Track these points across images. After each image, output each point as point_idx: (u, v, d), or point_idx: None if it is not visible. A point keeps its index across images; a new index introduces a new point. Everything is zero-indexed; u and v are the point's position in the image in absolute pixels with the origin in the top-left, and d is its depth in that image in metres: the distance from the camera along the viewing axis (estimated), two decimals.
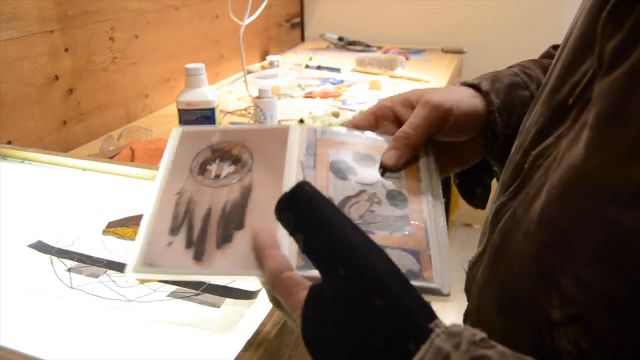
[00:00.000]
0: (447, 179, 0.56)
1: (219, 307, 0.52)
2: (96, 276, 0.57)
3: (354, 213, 0.45)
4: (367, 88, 1.62)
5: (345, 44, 2.17)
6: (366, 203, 0.46)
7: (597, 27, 0.34)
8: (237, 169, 0.48)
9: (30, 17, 1.05)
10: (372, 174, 0.48)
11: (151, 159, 0.97)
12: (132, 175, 0.80)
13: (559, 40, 0.51)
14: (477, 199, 0.58)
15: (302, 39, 2.42)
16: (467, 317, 0.48)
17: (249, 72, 1.68)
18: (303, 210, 0.37)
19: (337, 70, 1.81)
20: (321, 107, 1.38)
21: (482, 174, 0.57)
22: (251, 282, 0.43)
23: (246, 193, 0.46)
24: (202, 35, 1.65)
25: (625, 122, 0.30)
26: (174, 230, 0.44)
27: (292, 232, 0.37)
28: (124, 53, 1.32)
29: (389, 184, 0.48)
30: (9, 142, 1.03)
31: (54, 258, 0.61)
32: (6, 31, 1.00)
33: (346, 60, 1.94)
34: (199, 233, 0.44)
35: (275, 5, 2.08)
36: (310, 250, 0.36)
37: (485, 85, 0.52)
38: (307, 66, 1.87)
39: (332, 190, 0.46)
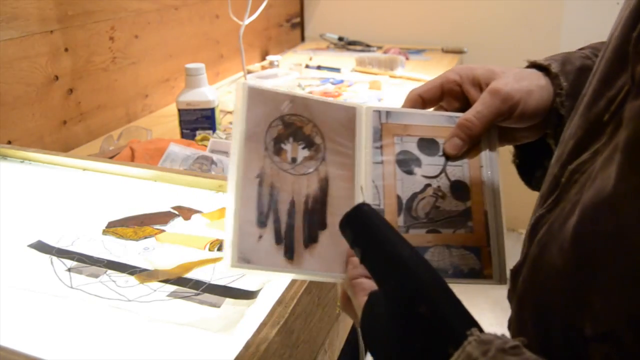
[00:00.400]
0: None
1: (219, 307, 0.52)
2: (96, 276, 0.57)
3: (420, 211, 0.48)
4: (367, 88, 1.62)
5: (345, 44, 2.17)
6: (431, 198, 0.48)
7: (630, 45, 0.34)
8: (312, 154, 0.48)
9: (30, 17, 1.05)
10: (436, 162, 0.49)
11: (151, 158, 0.97)
12: (132, 175, 0.80)
13: (559, 40, 0.50)
14: (535, 182, 0.57)
15: (302, 38, 2.42)
16: (510, 323, 0.48)
17: (249, 72, 1.68)
18: (360, 228, 0.41)
19: (337, 70, 1.81)
20: None
21: (543, 156, 0.56)
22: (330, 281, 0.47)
23: (324, 187, 0.47)
24: (202, 35, 1.65)
25: None
26: (261, 223, 0.44)
27: (352, 246, 0.42)
28: (124, 53, 1.32)
29: (452, 174, 0.49)
30: (9, 142, 1.03)
31: (54, 258, 0.61)
32: (6, 31, 1.00)
33: (346, 60, 1.94)
34: (286, 229, 0.45)
35: (275, 5, 2.08)
36: (366, 262, 0.41)
37: (555, 67, 0.51)
38: (307, 66, 1.87)
39: (400, 188, 0.48)
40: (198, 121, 1.12)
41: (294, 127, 0.47)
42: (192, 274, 0.57)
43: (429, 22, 2.22)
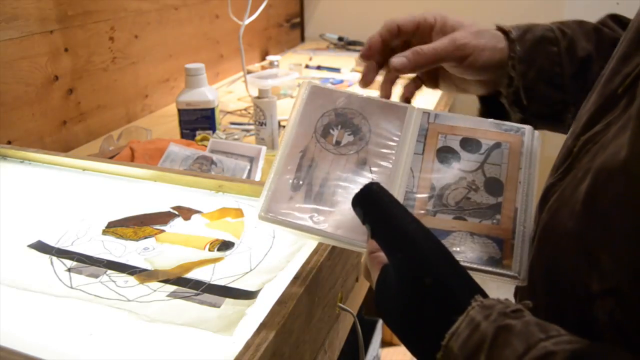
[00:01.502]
0: None
1: (218, 307, 0.52)
2: (96, 276, 0.57)
3: (450, 199, 0.51)
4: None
5: (345, 44, 2.17)
6: (464, 190, 0.51)
7: None
8: (356, 140, 0.54)
9: (30, 17, 1.05)
10: (476, 159, 0.53)
11: (151, 159, 0.97)
12: (132, 175, 0.80)
13: None
14: None
15: (302, 39, 2.42)
16: (516, 291, 0.50)
17: (249, 72, 1.68)
18: (369, 206, 0.45)
19: (337, 70, 1.81)
20: None
21: (503, 117, 0.59)
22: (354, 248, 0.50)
23: (361, 166, 0.53)
24: (201, 35, 1.65)
25: None
26: (295, 187, 0.51)
27: (363, 223, 0.46)
28: (123, 53, 1.32)
29: (489, 171, 0.52)
30: (9, 142, 1.03)
31: (54, 258, 0.61)
32: (6, 31, 1.00)
33: (346, 60, 1.94)
34: (316, 195, 0.51)
35: (275, 5, 2.08)
36: (375, 237, 0.44)
37: (514, 34, 0.57)
38: (307, 66, 1.87)
39: (435, 177, 0.52)
40: (198, 121, 1.12)
41: (344, 117, 0.55)
42: (192, 274, 0.57)
43: None
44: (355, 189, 0.47)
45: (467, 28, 0.56)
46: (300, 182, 0.51)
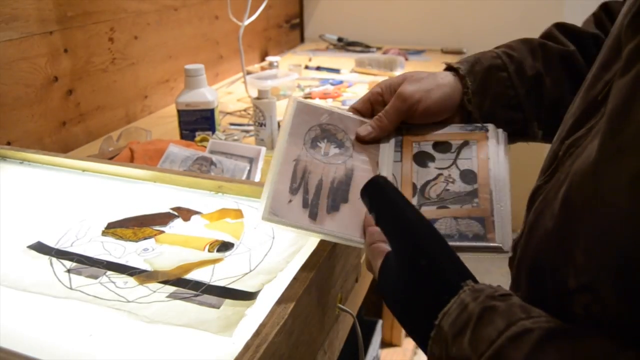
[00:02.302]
0: None
1: (218, 308, 0.52)
2: (95, 277, 0.57)
3: (432, 193, 0.57)
4: (367, 89, 1.62)
5: (345, 45, 2.17)
6: (442, 184, 0.57)
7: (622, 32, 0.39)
8: (342, 152, 0.60)
9: (29, 18, 1.05)
10: (449, 157, 0.59)
11: (150, 159, 0.97)
12: (132, 176, 0.80)
13: None
14: None
15: (302, 39, 2.42)
16: (510, 289, 0.52)
17: (249, 72, 1.68)
18: (375, 195, 0.50)
19: (337, 71, 1.81)
20: None
21: None
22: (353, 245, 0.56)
23: (349, 174, 0.59)
24: (201, 36, 1.65)
25: (629, 120, 0.33)
26: (293, 190, 0.56)
27: (370, 211, 0.51)
28: (123, 54, 1.32)
29: (462, 165, 0.58)
30: (9, 143, 1.03)
31: (54, 259, 0.61)
32: (5, 32, 1.00)
33: (345, 61, 1.94)
34: (313, 197, 0.56)
35: (275, 6, 2.08)
36: (380, 223, 0.49)
37: (463, 70, 0.60)
38: (306, 67, 1.87)
39: (415, 177, 0.58)
40: (197, 122, 1.12)
41: (328, 133, 0.61)
42: (192, 275, 0.57)
43: (428, 23, 2.22)
44: (347, 191, 0.55)
45: (411, 79, 0.60)
46: (298, 187, 0.56)
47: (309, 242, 0.62)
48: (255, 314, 0.51)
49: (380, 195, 0.49)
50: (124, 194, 0.76)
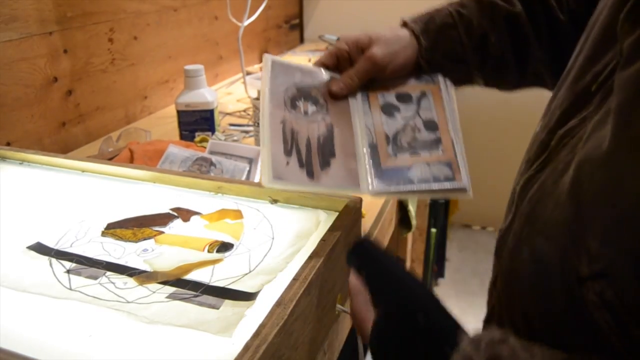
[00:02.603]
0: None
1: (218, 308, 0.52)
2: (95, 278, 0.57)
3: (404, 142, 0.63)
4: None
5: None
6: (411, 133, 0.63)
7: (618, 25, 0.39)
8: (318, 109, 0.63)
9: (29, 19, 1.05)
10: (411, 108, 0.65)
11: (150, 160, 0.97)
12: (131, 176, 0.80)
13: None
14: None
15: (301, 40, 2.42)
16: (495, 281, 0.54)
17: (248, 73, 1.68)
18: (363, 257, 0.51)
19: None
20: None
21: None
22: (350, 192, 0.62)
23: (330, 129, 0.63)
24: (201, 36, 1.65)
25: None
26: (287, 152, 0.58)
27: (357, 272, 0.51)
28: (123, 54, 1.32)
29: (424, 114, 0.65)
30: (8, 144, 1.03)
31: (53, 259, 0.61)
32: (5, 32, 1.00)
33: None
34: (306, 157, 0.59)
35: (274, 6, 2.09)
36: (370, 284, 0.49)
37: (417, 30, 0.66)
38: None
39: (386, 127, 0.64)
40: (197, 122, 1.12)
41: (304, 91, 0.63)
42: (191, 276, 0.57)
43: None
44: (333, 145, 0.61)
45: (377, 41, 0.64)
46: (290, 148, 0.59)
47: (309, 243, 0.62)
48: (254, 315, 0.51)
49: (369, 256, 0.51)
50: (123, 194, 0.76)
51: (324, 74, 0.67)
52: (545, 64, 0.68)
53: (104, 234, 0.66)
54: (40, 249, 0.63)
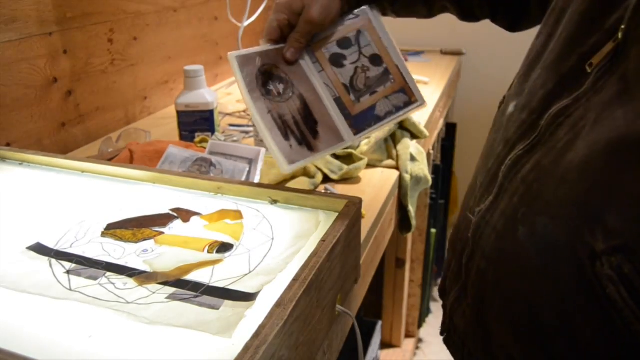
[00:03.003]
0: (447, 181, 0.73)
1: (218, 309, 0.52)
2: (95, 278, 0.57)
3: (360, 85, 0.69)
4: None
5: None
6: (362, 74, 0.69)
7: (601, 9, 0.41)
8: (286, 86, 0.68)
9: (29, 20, 1.05)
10: (354, 50, 0.70)
11: (150, 160, 0.97)
12: (131, 177, 0.80)
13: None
14: None
15: None
16: (470, 260, 0.54)
17: None
18: None
19: None
20: None
21: None
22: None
23: (302, 100, 0.68)
24: (201, 37, 1.65)
25: None
26: (286, 137, 0.65)
27: None
28: (122, 55, 1.32)
29: (367, 52, 0.70)
30: (8, 144, 1.03)
31: (53, 260, 0.61)
32: (5, 33, 1.00)
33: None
34: (300, 134, 0.65)
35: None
36: None
37: None
38: None
39: (341, 78, 0.69)
40: (197, 123, 1.12)
41: (268, 73, 0.67)
42: (191, 276, 0.57)
43: (427, 23, 2.21)
44: (312, 114, 0.66)
45: (309, 3, 0.67)
46: (286, 132, 0.65)
47: (308, 243, 0.62)
48: (254, 315, 0.51)
49: None
50: (123, 195, 0.76)
51: (275, 48, 0.69)
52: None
53: (103, 234, 0.66)
54: (40, 249, 0.63)
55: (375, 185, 0.99)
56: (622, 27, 0.40)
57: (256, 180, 0.90)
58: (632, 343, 0.38)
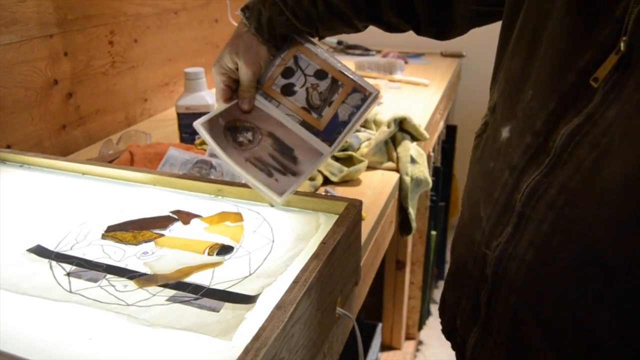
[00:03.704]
0: (447, 183, 0.72)
1: (218, 311, 0.52)
2: (95, 280, 0.57)
3: (316, 101, 0.73)
4: None
5: (345, 48, 2.18)
6: (314, 92, 0.73)
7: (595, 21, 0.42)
8: (253, 131, 0.71)
9: (29, 22, 1.05)
10: (298, 76, 0.73)
11: (150, 163, 0.97)
12: (131, 179, 0.80)
13: None
14: None
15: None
16: (491, 298, 0.52)
17: None
18: None
19: None
20: None
21: None
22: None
23: (273, 136, 0.72)
24: (201, 39, 1.65)
25: None
26: (269, 174, 0.67)
27: None
28: (123, 57, 1.32)
29: (309, 71, 0.73)
30: (8, 146, 1.03)
31: (53, 262, 0.61)
32: (6, 35, 1.00)
33: (345, 64, 1.94)
34: (281, 167, 0.68)
35: None
36: None
37: (252, 28, 0.71)
38: None
39: (298, 102, 0.73)
40: None
41: (234, 127, 0.71)
42: (191, 279, 0.57)
43: None
44: (287, 144, 0.70)
45: (241, 58, 0.70)
46: (268, 170, 0.68)
47: (309, 246, 0.62)
48: (255, 318, 0.51)
49: None
50: (123, 197, 0.76)
51: (231, 104, 0.73)
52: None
53: (104, 236, 0.66)
54: (40, 251, 0.63)
55: (375, 188, 0.99)
56: (624, 38, 0.40)
57: None
58: None
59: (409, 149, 1.09)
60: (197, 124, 0.69)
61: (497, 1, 0.63)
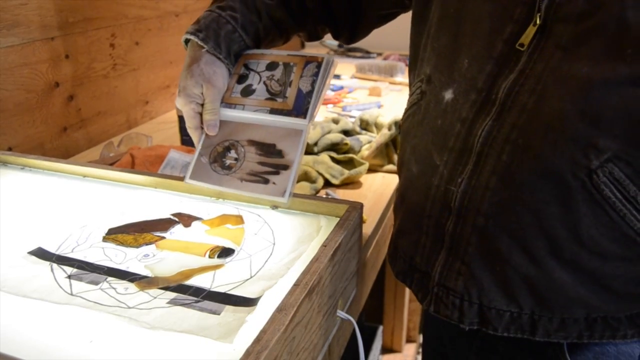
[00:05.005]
0: None
1: (219, 314, 0.52)
2: (96, 283, 0.57)
3: (276, 88, 0.74)
4: (367, 94, 1.63)
5: (345, 51, 2.18)
6: (273, 82, 0.75)
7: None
8: (235, 148, 0.73)
9: (31, 24, 1.05)
10: (253, 76, 0.76)
11: (151, 165, 0.97)
12: (132, 182, 0.80)
13: None
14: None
15: (302, 45, 2.43)
16: (443, 233, 0.61)
17: None
18: None
19: (337, 76, 1.82)
20: (321, 114, 1.38)
21: None
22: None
23: (253, 142, 0.72)
24: None
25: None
26: (265, 182, 0.69)
27: None
28: (124, 60, 1.32)
29: (260, 68, 0.76)
30: (10, 149, 1.03)
31: (54, 265, 0.61)
32: (7, 38, 1.00)
33: (346, 67, 1.94)
34: (272, 168, 0.70)
35: None
36: None
37: (210, 47, 0.73)
38: None
39: (261, 97, 0.74)
40: None
41: (217, 156, 0.73)
42: (192, 281, 0.57)
43: None
44: (274, 149, 0.72)
45: (206, 82, 0.72)
46: (265, 178, 0.70)
47: (310, 248, 0.62)
48: (255, 320, 0.51)
49: None
50: (124, 199, 0.76)
51: (202, 137, 0.75)
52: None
53: (105, 239, 0.66)
54: (41, 254, 0.63)
55: (376, 190, 0.99)
56: (539, 14, 0.52)
57: None
58: (627, 234, 0.52)
59: None
60: (189, 182, 0.72)
61: (394, 4, 0.80)
